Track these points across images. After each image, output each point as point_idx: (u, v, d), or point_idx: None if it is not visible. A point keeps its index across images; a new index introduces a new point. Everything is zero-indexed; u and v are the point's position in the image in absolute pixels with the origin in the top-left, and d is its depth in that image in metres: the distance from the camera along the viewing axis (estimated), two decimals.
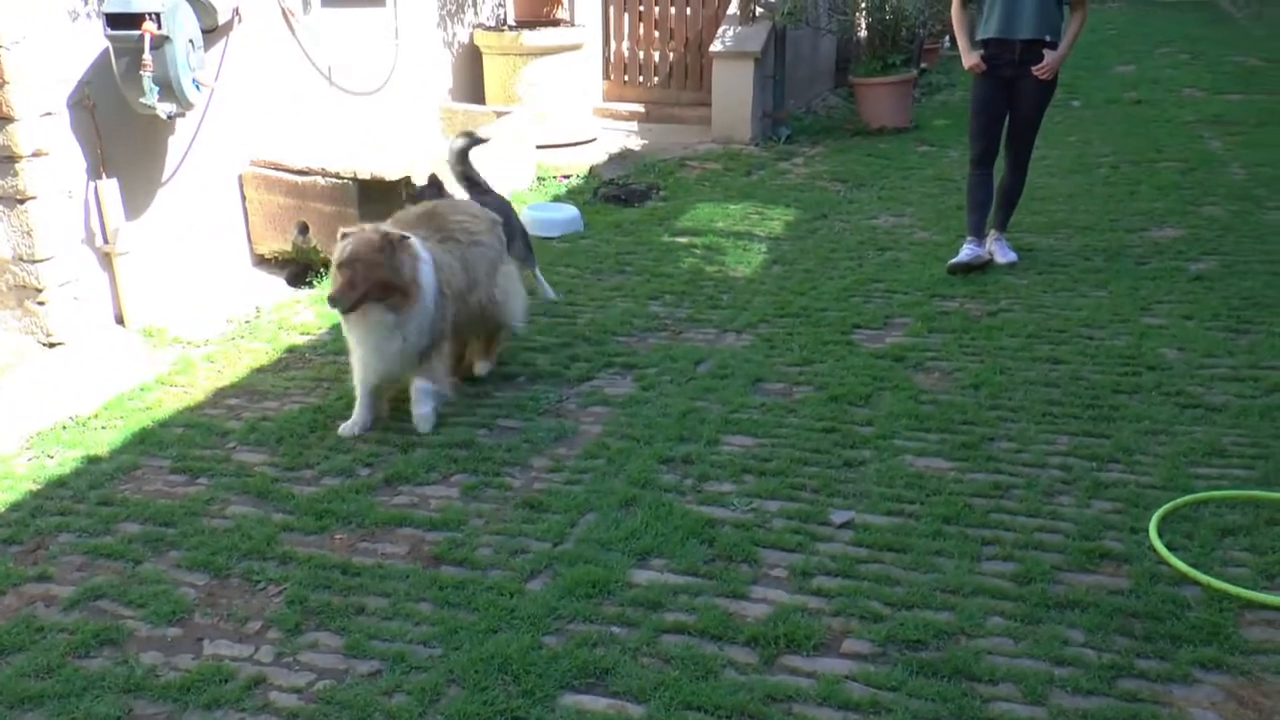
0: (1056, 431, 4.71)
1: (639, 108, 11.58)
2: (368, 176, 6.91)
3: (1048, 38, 6.57)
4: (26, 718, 3.23)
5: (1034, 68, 6.58)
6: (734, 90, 10.59)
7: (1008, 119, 6.85)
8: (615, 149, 10.11)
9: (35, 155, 5.78)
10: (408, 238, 4.76)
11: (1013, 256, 7.00)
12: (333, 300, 4.67)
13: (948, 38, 12.76)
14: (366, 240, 4.65)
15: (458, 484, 4.47)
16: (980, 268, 6.83)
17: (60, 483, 4.63)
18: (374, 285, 4.63)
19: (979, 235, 6.94)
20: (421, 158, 7.32)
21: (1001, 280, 6.69)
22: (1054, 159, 9.74)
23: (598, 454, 4.64)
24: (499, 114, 9.18)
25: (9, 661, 3.47)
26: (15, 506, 4.46)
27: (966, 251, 6.88)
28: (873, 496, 4.23)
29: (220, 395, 5.47)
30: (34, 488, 4.59)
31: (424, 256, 4.80)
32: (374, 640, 3.48)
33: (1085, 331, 5.80)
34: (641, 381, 5.37)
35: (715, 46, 10.63)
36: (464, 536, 4.05)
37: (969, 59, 6.78)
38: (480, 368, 5.52)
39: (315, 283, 7.03)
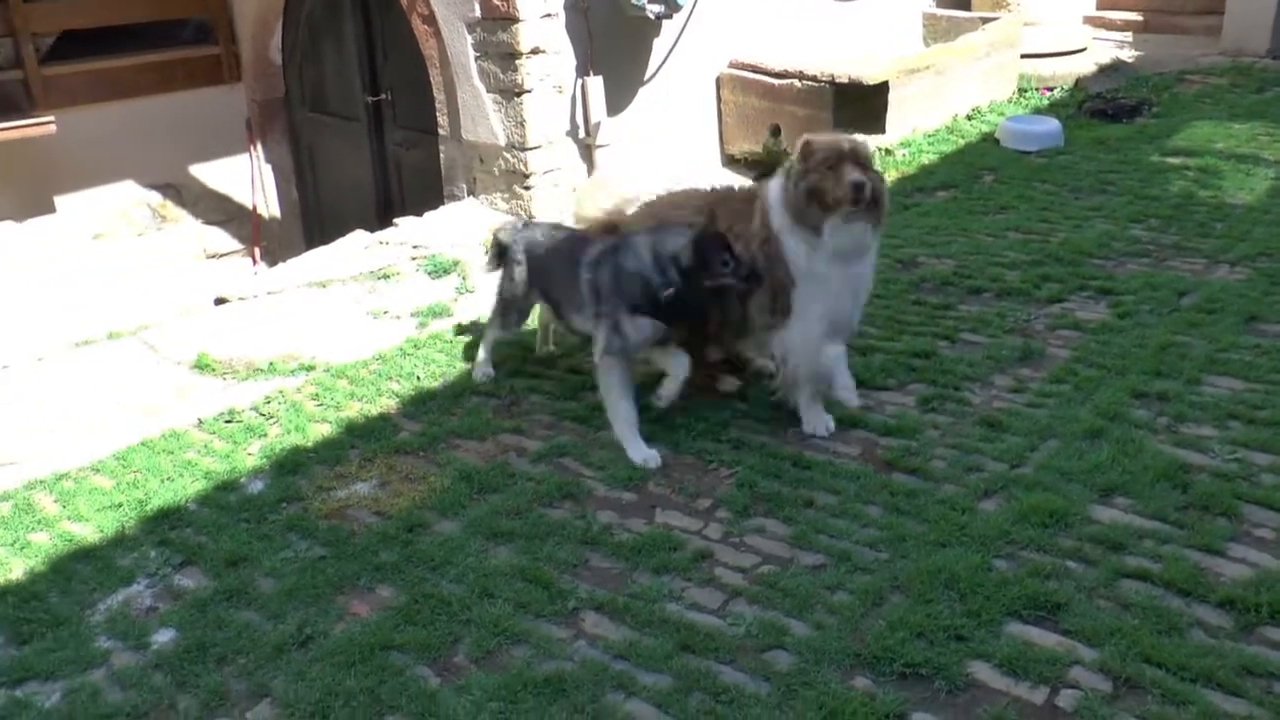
0: None
1: (1135, 16, 10.69)
2: (845, 80, 6.83)
3: None
4: (500, 550, 3.58)
5: None
6: None
7: None
8: (1105, 60, 9.35)
9: (533, 53, 6.25)
10: None
11: None
12: (858, 186, 3.80)
13: None
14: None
15: (914, 393, 4.38)
16: None
17: (531, 349, 5.02)
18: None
19: None
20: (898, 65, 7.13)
21: None
22: None
23: (1064, 379, 4.37)
24: (984, 20, 8.74)
25: (487, 499, 3.87)
26: (494, 366, 4.88)
27: None
28: None
29: None
30: (508, 353, 4.99)
31: None
32: (820, 534, 3.51)
33: None
34: (1117, 308, 4.96)
35: None
36: (918, 446, 3.97)
37: None
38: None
39: None
